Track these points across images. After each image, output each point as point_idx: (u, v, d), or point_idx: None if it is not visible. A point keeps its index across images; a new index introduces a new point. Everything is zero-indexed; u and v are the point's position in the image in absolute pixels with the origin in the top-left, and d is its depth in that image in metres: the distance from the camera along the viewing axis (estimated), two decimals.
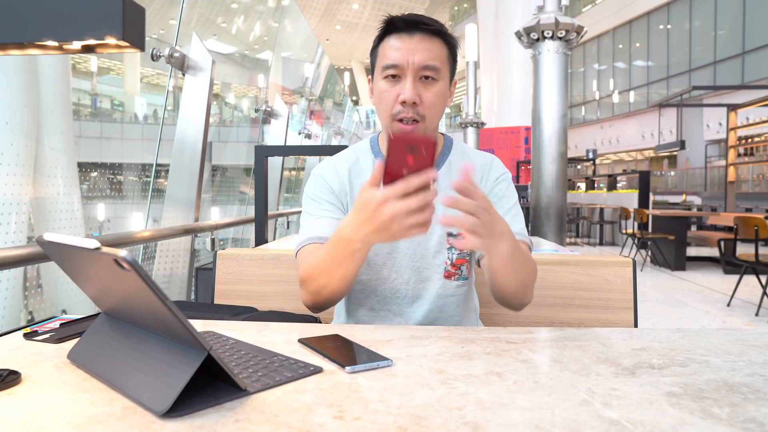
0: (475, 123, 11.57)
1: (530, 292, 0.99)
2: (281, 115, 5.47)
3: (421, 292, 1.04)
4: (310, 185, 1.09)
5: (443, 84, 1.00)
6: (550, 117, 4.04)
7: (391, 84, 0.98)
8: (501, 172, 1.09)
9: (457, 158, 1.09)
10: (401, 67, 0.96)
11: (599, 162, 20.78)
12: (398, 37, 0.98)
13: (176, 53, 2.79)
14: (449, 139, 1.13)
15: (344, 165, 1.09)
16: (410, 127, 0.98)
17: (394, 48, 0.97)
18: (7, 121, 2.14)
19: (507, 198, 1.08)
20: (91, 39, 0.81)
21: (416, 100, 0.96)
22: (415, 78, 0.97)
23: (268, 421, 0.51)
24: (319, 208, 1.05)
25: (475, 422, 0.50)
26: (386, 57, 0.98)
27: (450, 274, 1.04)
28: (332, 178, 1.08)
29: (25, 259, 1.47)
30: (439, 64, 0.98)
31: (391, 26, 0.99)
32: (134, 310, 0.62)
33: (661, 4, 17.14)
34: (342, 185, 1.07)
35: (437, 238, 1.03)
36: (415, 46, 0.96)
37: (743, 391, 0.57)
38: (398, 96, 0.97)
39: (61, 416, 0.52)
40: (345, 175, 1.08)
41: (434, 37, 0.98)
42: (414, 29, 0.97)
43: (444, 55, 1.00)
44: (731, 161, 7.79)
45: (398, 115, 0.98)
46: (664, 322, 4.09)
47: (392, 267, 1.04)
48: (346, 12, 30.69)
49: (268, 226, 2.81)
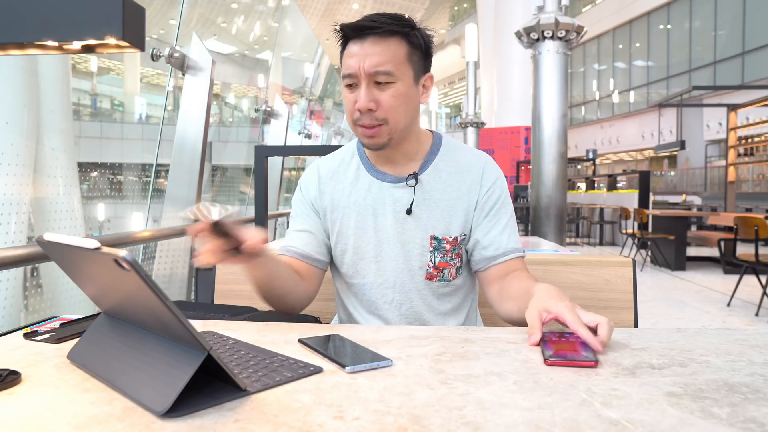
0: (475, 123, 11.58)
1: None
2: (281, 115, 5.47)
3: (407, 293, 1.05)
4: (294, 197, 1.14)
5: (403, 84, 0.97)
6: (550, 117, 4.04)
7: (350, 91, 0.98)
8: (495, 178, 1.06)
9: (446, 159, 1.07)
10: (355, 74, 0.96)
11: (599, 162, 20.77)
12: (354, 43, 0.97)
13: (176, 53, 2.79)
14: (438, 137, 1.10)
15: (328, 169, 1.11)
16: (371, 131, 0.97)
17: (350, 55, 0.97)
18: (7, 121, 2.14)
19: (503, 210, 1.06)
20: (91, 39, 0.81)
21: (371, 106, 0.95)
22: (369, 84, 0.95)
23: (268, 421, 0.51)
24: (295, 219, 1.11)
25: (475, 422, 0.50)
26: (344, 65, 0.98)
27: (432, 276, 1.04)
28: (312, 188, 1.10)
29: (25, 259, 1.47)
30: (391, 67, 0.95)
31: (346, 34, 0.98)
32: (134, 310, 0.62)
33: (661, 4, 17.14)
34: (321, 194, 1.09)
35: (420, 240, 1.03)
36: (365, 52, 0.95)
37: (743, 391, 0.57)
38: (356, 102, 0.97)
39: (61, 416, 0.52)
40: (326, 180, 1.10)
41: (389, 38, 0.96)
42: (364, 34, 0.96)
43: (401, 53, 0.97)
44: (731, 161, 7.79)
45: (358, 121, 0.98)
46: (664, 322, 4.09)
47: (377, 270, 1.05)
48: (346, 12, 30.70)
49: (268, 226, 2.81)
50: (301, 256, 1.05)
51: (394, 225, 1.04)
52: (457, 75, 34.49)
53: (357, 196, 1.06)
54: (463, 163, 1.06)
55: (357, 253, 1.05)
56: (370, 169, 1.07)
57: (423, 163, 1.06)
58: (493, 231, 1.03)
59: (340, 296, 1.13)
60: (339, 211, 1.07)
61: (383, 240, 1.04)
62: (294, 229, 1.09)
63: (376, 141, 0.99)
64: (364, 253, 1.05)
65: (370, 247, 1.05)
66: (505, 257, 1.02)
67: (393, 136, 0.99)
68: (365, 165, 1.08)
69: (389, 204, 1.04)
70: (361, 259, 1.05)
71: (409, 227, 1.03)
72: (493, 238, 1.03)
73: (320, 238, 1.08)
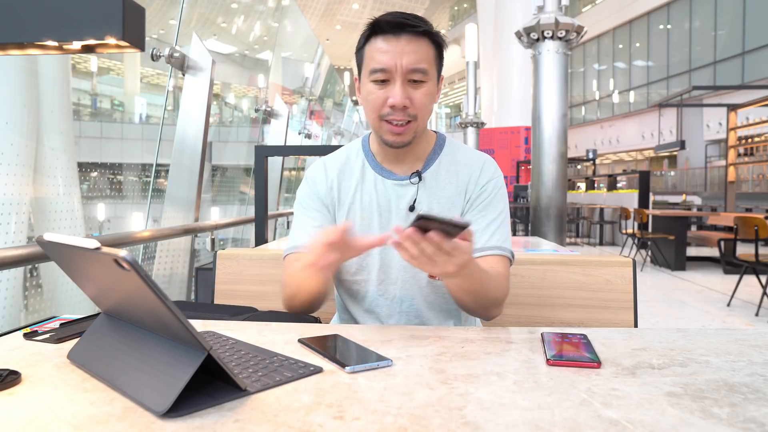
0: (475, 123, 11.58)
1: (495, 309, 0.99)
2: (281, 115, 5.47)
3: (410, 291, 1.05)
4: (301, 190, 1.12)
5: (431, 84, 0.99)
6: (550, 117, 4.04)
7: (379, 86, 0.98)
8: (491, 176, 1.06)
9: (448, 158, 1.08)
10: (389, 70, 0.96)
11: (599, 162, 20.76)
12: (385, 39, 0.96)
13: (176, 53, 2.79)
14: (441, 138, 1.12)
15: (334, 166, 1.11)
16: (401, 128, 0.98)
17: (382, 51, 0.96)
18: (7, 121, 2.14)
19: (492, 207, 1.04)
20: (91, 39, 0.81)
21: (406, 103, 0.96)
22: (404, 81, 0.96)
23: (268, 421, 0.51)
24: (307, 215, 1.08)
25: (475, 422, 0.50)
26: (373, 60, 0.97)
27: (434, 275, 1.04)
28: (321, 183, 1.09)
29: (25, 259, 1.47)
30: (426, 66, 0.97)
31: (377, 28, 0.98)
32: (134, 310, 0.62)
33: (661, 4, 17.13)
34: (330, 189, 1.09)
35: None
36: (402, 49, 0.95)
37: (743, 391, 0.57)
38: (387, 99, 0.96)
39: (61, 416, 0.52)
40: (334, 177, 1.09)
41: (421, 38, 0.97)
42: (401, 31, 0.96)
43: (431, 55, 0.99)
44: (731, 161, 7.79)
45: (386, 116, 0.98)
46: (664, 322, 4.09)
47: (381, 266, 1.05)
48: (346, 12, 30.69)
49: (268, 226, 2.82)
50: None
51: (398, 222, 1.04)
52: (457, 75, 34.48)
53: (362, 193, 1.07)
54: (464, 162, 1.07)
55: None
56: (376, 167, 1.08)
57: (426, 161, 1.07)
58: (475, 226, 1.02)
59: (339, 296, 1.14)
60: (344, 208, 1.07)
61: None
62: (304, 225, 1.07)
63: (403, 138, 1.00)
64: (369, 252, 1.05)
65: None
66: (481, 253, 1.00)
67: (417, 134, 1.01)
68: (371, 163, 1.08)
69: (393, 201, 1.05)
70: (367, 255, 1.05)
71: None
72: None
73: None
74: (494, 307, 0.98)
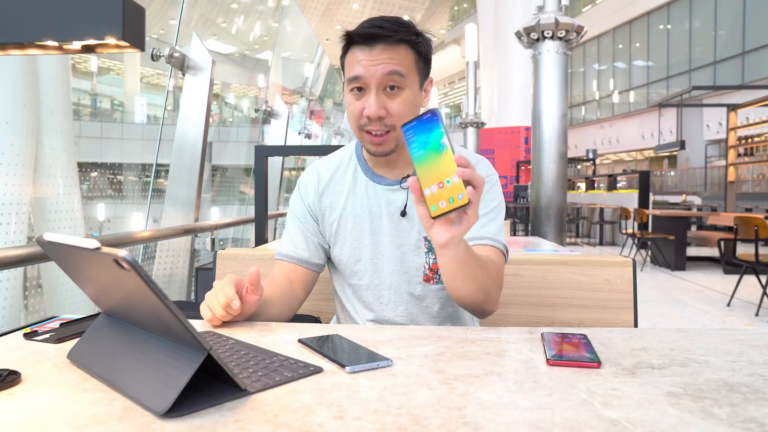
0: (475, 123, 11.57)
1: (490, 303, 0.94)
2: (281, 115, 5.47)
3: (402, 294, 1.05)
4: (293, 196, 1.13)
5: (411, 91, 0.97)
6: (550, 117, 4.04)
7: (357, 96, 0.97)
8: (484, 175, 1.04)
9: None
10: (364, 80, 0.95)
11: (599, 162, 20.77)
12: (360, 48, 0.96)
13: (176, 53, 2.79)
14: None
15: (327, 171, 1.11)
16: (380, 138, 0.97)
17: (357, 60, 0.95)
18: (7, 121, 2.14)
19: (485, 201, 1.03)
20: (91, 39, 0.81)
21: (381, 113, 0.95)
22: (378, 90, 0.95)
23: (268, 421, 0.51)
24: (292, 223, 1.11)
25: (475, 422, 0.50)
26: (350, 69, 0.97)
27: (428, 278, 1.04)
28: (311, 190, 1.10)
29: (25, 259, 1.47)
30: (403, 72, 0.95)
31: (352, 38, 0.97)
32: (134, 310, 0.62)
33: (661, 4, 17.13)
34: (320, 196, 1.10)
35: (414, 241, 1.03)
36: (375, 58, 0.94)
37: (743, 391, 0.57)
38: (363, 109, 0.96)
39: (61, 416, 0.52)
40: (326, 183, 1.10)
41: (397, 45, 0.95)
42: (374, 41, 0.94)
43: (410, 60, 0.97)
44: (731, 161, 7.79)
45: (365, 127, 0.98)
46: (664, 322, 4.09)
47: (374, 272, 1.05)
48: (346, 12, 30.69)
49: (268, 226, 2.82)
50: (299, 260, 1.07)
51: (390, 227, 1.04)
52: (457, 75, 34.49)
53: (354, 199, 1.07)
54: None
55: (354, 255, 1.06)
56: (367, 172, 1.08)
57: None
58: None
59: (338, 296, 1.14)
60: (336, 214, 1.08)
61: (379, 242, 1.05)
62: (291, 233, 1.10)
63: (383, 148, 0.99)
64: (360, 255, 1.06)
65: (367, 249, 1.05)
66: (473, 242, 0.98)
67: (399, 142, 1.00)
68: (363, 168, 1.08)
69: (384, 206, 1.05)
70: (357, 261, 1.06)
71: (404, 229, 1.04)
72: None
73: (316, 241, 1.09)
74: (489, 300, 0.93)
